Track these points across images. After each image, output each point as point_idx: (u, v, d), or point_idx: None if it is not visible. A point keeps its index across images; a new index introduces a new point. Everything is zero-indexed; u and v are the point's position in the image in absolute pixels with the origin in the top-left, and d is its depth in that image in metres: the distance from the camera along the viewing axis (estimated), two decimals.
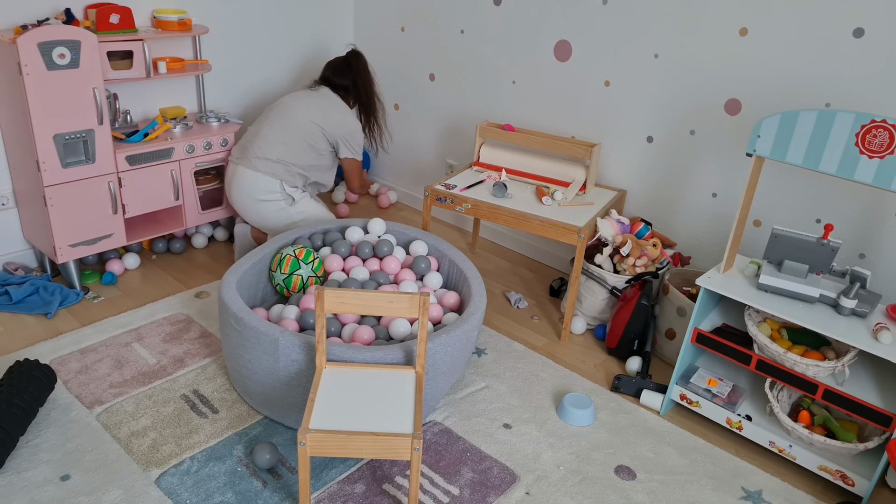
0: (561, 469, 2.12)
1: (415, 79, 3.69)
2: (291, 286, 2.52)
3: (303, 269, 2.50)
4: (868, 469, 2.05)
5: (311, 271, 2.52)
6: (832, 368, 2.04)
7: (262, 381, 2.13)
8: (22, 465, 1.98)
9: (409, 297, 1.86)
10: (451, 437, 2.21)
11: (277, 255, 2.55)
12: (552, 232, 2.63)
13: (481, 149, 3.08)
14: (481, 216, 2.78)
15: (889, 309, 2.08)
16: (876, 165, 1.83)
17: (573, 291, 2.68)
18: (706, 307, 2.32)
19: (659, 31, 2.74)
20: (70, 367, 2.39)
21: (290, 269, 2.50)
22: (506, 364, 2.59)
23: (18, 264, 2.94)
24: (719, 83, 2.63)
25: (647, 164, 2.93)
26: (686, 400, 2.33)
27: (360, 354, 2.01)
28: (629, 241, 2.66)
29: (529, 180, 2.99)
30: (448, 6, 3.40)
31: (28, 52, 2.41)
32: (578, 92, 3.05)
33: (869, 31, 2.26)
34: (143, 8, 2.99)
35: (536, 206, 2.76)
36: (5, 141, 2.77)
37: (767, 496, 2.07)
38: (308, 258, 2.52)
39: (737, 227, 2.16)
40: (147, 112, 3.19)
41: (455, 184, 2.92)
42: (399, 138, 3.90)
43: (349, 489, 1.98)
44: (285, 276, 2.51)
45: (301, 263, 2.50)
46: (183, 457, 2.05)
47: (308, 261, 2.51)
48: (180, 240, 3.23)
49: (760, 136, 2.01)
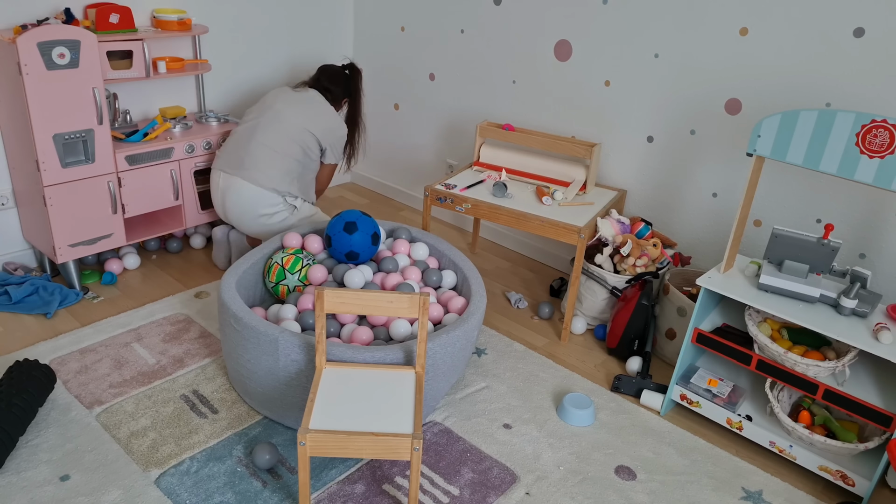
0: (561, 469, 2.11)
1: (415, 79, 3.68)
2: (280, 294, 2.52)
3: (288, 278, 2.49)
4: (868, 469, 2.05)
5: (298, 280, 2.50)
6: (832, 368, 2.04)
7: (261, 381, 2.13)
8: (21, 466, 1.98)
9: (409, 298, 1.86)
10: (451, 437, 2.21)
11: (268, 262, 2.55)
12: (552, 232, 2.62)
13: (481, 148, 3.08)
14: (481, 216, 2.78)
15: (889, 309, 2.08)
16: (876, 165, 1.83)
17: (573, 291, 2.67)
18: (706, 307, 2.32)
19: (659, 31, 2.73)
20: (70, 367, 2.39)
21: (276, 279, 2.49)
22: (506, 364, 2.59)
23: (18, 264, 2.94)
24: (719, 83, 2.63)
25: (647, 164, 2.93)
26: (686, 400, 2.33)
27: (360, 355, 2.01)
28: (629, 240, 2.66)
29: (529, 180, 2.98)
30: (448, 6, 3.40)
31: (28, 51, 2.41)
32: (578, 92, 3.05)
33: (869, 31, 2.26)
34: (142, 8, 2.99)
35: (536, 205, 2.75)
36: (5, 141, 2.77)
37: (768, 496, 2.07)
38: (295, 267, 2.50)
39: (737, 227, 2.16)
40: (147, 112, 3.19)
41: (455, 184, 2.92)
42: (399, 138, 3.90)
43: (349, 489, 1.98)
44: (273, 285, 2.52)
45: (287, 273, 2.48)
46: (183, 457, 2.05)
47: (295, 270, 2.49)
48: (178, 239, 3.23)
49: (760, 136, 2.01)
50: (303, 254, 2.57)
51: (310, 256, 2.58)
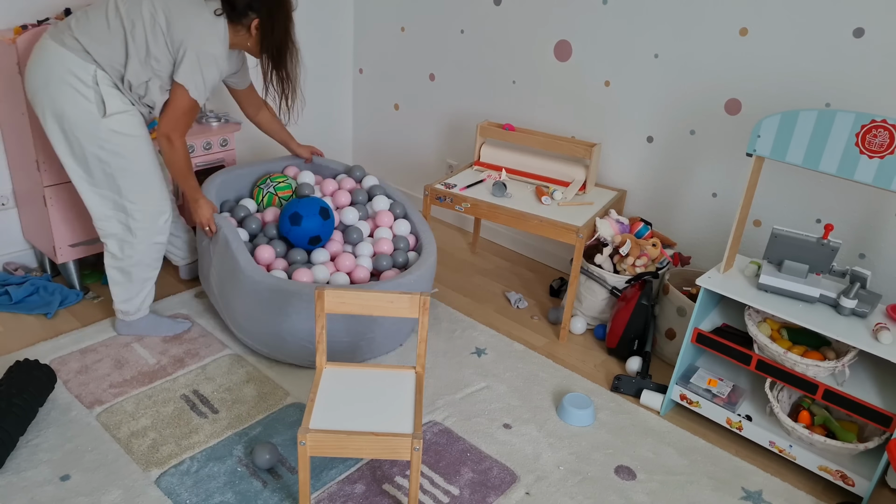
0: (561, 469, 2.12)
1: (415, 79, 3.68)
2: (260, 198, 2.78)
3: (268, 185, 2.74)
4: (868, 469, 2.05)
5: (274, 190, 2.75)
6: (832, 368, 2.04)
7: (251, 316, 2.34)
8: (22, 465, 1.98)
9: (410, 298, 1.86)
10: (451, 437, 2.21)
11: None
12: (551, 231, 2.63)
13: (482, 148, 3.09)
14: (481, 215, 2.78)
15: (889, 309, 2.08)
16: (876, 165, 1.83)
17: (572, 291, 2.68)
18: (706, 307, 2.32)
19: (659, 31, 2.73)
20: (70, 367, 2.39)
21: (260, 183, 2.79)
22: (506, 364, 2.59)
23: (18, 264, 2.94)
24: (719, 83, 2.63)
25: (647, 164, 2.93)
26: (686, 400, 2.33)
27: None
28: (628, 240, 2.66)
29: (529, 180, 2.99)
30: (448, 6, 3.40)
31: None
32: (578, 92, 3.05)
33: (869, 31, 2.26)
34: None
35: (535, 205, 2.76)
36: (5, 141, 2.77)
37: (767, 496, 2.07)
38: (259, 196, 2.78)
39: (737, 227, 2.16)
40: None
41: (455, 183, 2.92)
42: (399, 138, 3.90)
43: (349, 489, 1.98)
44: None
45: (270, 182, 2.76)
46: (183, 457, 2.05)
47: (259, 198, 2.76)
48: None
49: (760, 136, 2.01)
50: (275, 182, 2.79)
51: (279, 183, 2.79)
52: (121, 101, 2.25)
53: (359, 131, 4.09)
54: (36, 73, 2.21)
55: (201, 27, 2.21)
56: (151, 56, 2.21)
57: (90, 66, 2.18)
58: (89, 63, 2.18)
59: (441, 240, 3.59)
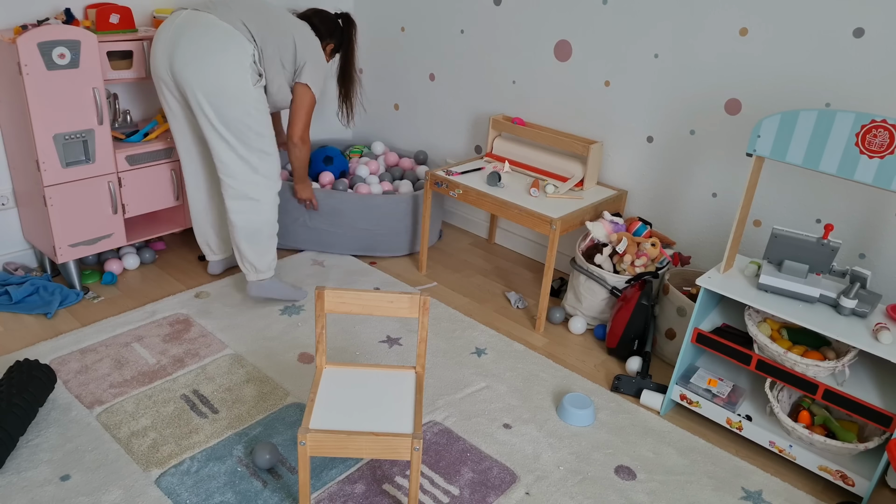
0: (561, 469, 2.12)
1: (415, 79, 3.68)
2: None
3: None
4: (868, 469, 2.05)
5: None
6: (832, 368, 2.04)
7: None
8: (22, 465, 1.98)
9: (410, 297, 1.86)
10: (451, 437, 2.21)
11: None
12: (528, 221, 2.72)
13: (495, 141, 3.22)
14: (469, 202, 2.92)
15: (889, 309, 2.08)
16: (876, 165, 1.83)
17: (546, 282, 2.73)
18: (706, 307, 2.32)
19: (659, 31, 2.74)
20: (70, 367, 2.39)
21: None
22: (506, 364, 2.59)
23: (18, 264, 2.94)
24: (719, 83, 2.63)
25: (647, 163, 2.93)
26: (686, 400, 2.34)
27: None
28: (624, 237, 2.67)
29: (532, 173, 3.08)
30: (448, 6, 3.40)
31: (28, 52, 2.41)
32: (578, 92, 3.05)
33: (869, 31, 2.26)
34: (143, 8, 2.99)
35: (522, 196, 2.85)
36: (5, 141, 2.77)
37: (767, 496, 2.07)
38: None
39: (737, 227, 2.16)
40: (147, 112, 3.18)
41: (455, 171, 3.08)
42: (399, 138, 3.90)
43: (349, 489, 1.98)
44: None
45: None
46: (183, 457, 2.05)
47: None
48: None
49: (760, 136, 2.01)
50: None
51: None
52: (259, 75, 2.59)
53: (359, 131, 4.09)
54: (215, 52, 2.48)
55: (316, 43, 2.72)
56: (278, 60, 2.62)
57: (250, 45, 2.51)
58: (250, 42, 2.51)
59: (443, 240, 3.59)
